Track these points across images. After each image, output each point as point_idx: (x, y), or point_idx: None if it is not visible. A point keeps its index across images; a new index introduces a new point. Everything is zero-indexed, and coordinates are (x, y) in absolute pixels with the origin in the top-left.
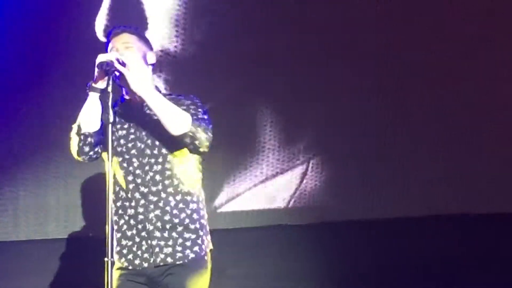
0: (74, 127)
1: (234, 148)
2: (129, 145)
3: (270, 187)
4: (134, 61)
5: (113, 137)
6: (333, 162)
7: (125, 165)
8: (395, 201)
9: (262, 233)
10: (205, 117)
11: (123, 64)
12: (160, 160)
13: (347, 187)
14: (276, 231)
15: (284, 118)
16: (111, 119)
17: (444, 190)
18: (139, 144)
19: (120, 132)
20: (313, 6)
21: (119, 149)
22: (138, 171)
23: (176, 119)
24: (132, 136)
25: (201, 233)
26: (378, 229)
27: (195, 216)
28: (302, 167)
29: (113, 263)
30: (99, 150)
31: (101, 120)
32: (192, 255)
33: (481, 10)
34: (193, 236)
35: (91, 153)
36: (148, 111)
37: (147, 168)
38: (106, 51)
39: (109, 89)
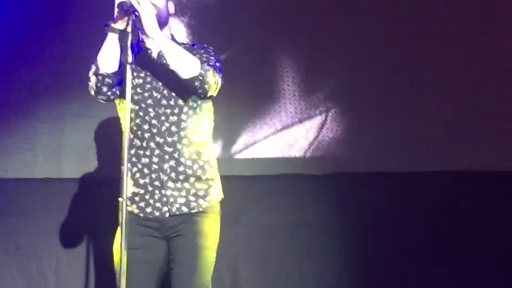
0: (93, 66)
1: (253, 95)
2: (146, 94)
3: (288, 136)
4: (149, 12)
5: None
6: (352, 113)
7: (141, 113)
8: (413, 155)
9: (278, 181)
10: (217, 64)
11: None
12: (176, 111)
13: (365, 138)
14: (292, 180)
15: (304, 67)
16: (130, 60)
17: (464, 146)
18: (155, 94)
19: (136, 81)
20: None
21: (136, 97)
22: (154, 121)
23: (185, 62)
24: (148, 86)
25: (212, 183)
26: (395, 182)
27: (207, 166)
28: (321, 117)
29: (126, 204)
30: (117, 91)
31: (120, 60)
32: (206, 204)
33: None
34: (205, 187)
35: (109, 93)
36: (164, 61)
37: (163, 118)
38: None
39: (129, 29)
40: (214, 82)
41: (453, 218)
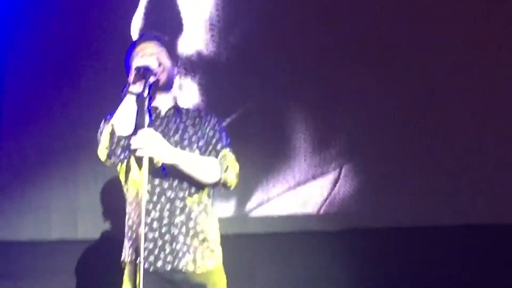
0: (106, 128)
1: (267, 152)
2: None
3: (301, 193)
4: (158, 150)
5: None
6: (365, 169)
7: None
8: (427, 209)
9: (293, 238)
10: (228, 140)
11: (158, 69)
12: None
13: (379, 194)
14: (307, 237)
15: (317, 124)
16: (147, 123)
17: (477, 200)
18: None
19: None
20: (348, 13)
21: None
22: (165, 176)
23: (207, 172)
24: None
25: (216, 245)
26: (409, 237)
27: (213, 226)
28: (334, 173)
29: (143, 264)
30: (128, 154)
31: (135, 123)
32: (211, 265)
33: None
34: (212, 246)
35: (121, 156)
36: (173, 120)
37: (174, 173)
38: (130, 52)
39: (146, 93)
40: (235, 175)
41: (466, 271)
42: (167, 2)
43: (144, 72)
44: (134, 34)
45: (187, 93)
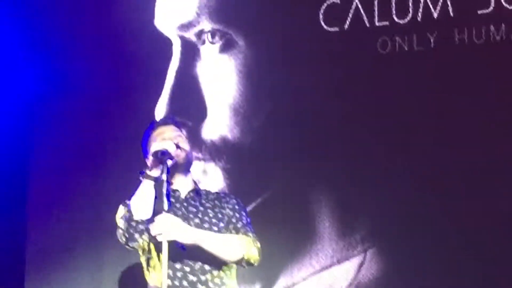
0: (122, 212)
1: (291, 236)
2: None
3: (326, 277)
4: (177, 227)
5: None
6: (390, 253)
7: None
8: None
9: None
10: (248, 219)
11: (176, 153)
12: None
13: (405, 278)
14: None
15: (341, 208)
16: (166, 208)
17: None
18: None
19: None
20: (371, 89)
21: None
22: (186, 260)
23: (230, 249)
24: None
25: None
26: None
27: None
28: (359, 257)
29: None
30: (147, 237)
31: (154, 208)
32: None
33: None
34: None
35: (140, 240)
36: (193, 203)
37: (196, 254)
38: (148, 135)
39: (164, 177)
40: (258, 253)
41: None
42: (191, 88)
43: (162, 156)
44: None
45: (212, 178)
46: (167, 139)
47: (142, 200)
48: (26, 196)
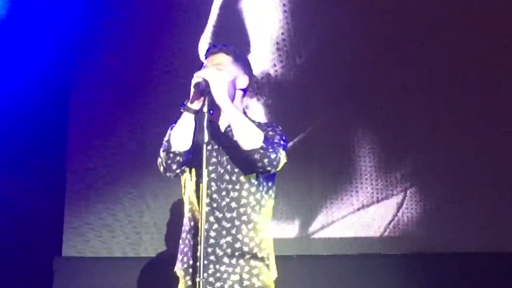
0: (164, 144)
1: (332, 174)
2: (210, 168)
3: (365, 216)
4: (219, 82)
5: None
6: (430, 193)
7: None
8: (493, 235)
9: (355, 261)
10: (281, 142)
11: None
12: (237, 187)
13: (443, 219)
14: (370, 260)
15: (382, 147)
16: (206, 140)
17: None
18: (219, 169)
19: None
20: (416, 40)
21: (200, 171)
22: (215, 195)
23: (249, 133)
24: (213, 160)
25: (267, 261)
26: (475, 263)
27: (263, 245)
28: (398, 196)
29: (203, 283)
30: (185, 168)
31: (193, 140)
32: (259, 284)
33: None
34: (260, 265)
35: (178, 170)
36: (231, 135)
37: (224, 193)
38: (201, 66)
39: (205, 109)
40: (275, 158)
41: None
42: (235, 22)
43: (203, 89)
44: (202, 54)
45: (253, 113)
46: (210, 66)
47: (181, 132)
48: (68, 127)
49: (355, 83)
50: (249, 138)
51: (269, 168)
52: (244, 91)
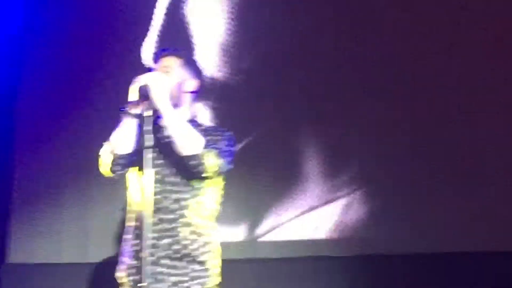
0: (105, 145)
1: (279, 177)
2: (155, 169)
3: (313, 218)
4: (159, 86)
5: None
6: (377, 195)
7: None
8: (440, 236)
9: (303, 264)
10: (227, 148)
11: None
12: (179, 189)
13: (391, 220)
14: (318, 263)
15: (329, 150)
16: (148, 144)
17: (484, 227)
18: (164, 170)
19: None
20: (364, 42)
21: (145, 172)
22: (157, 197)
23: (187, 139)
24: (159, 161)
25: (208, 265)
26: (421, 264)
27: (204, 248)
28: (346, 198)
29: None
30: (128, 170)
31: (137, 143)
32: (197, 287)
33: None
34: (200, 268)
35: (120, 172)
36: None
37: (166, 195)
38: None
39: (146, 113)
40: (213, 164)
41: None
42: (180, 27)
43: (143, 93)
44: (146, 58)
45: (200, 117)
46: (158, 70)
47: (122, 136)
48: (14, 132)
49: (301, 85)
50: (187, 144)
51: (206, 174)
52: (194, 94)
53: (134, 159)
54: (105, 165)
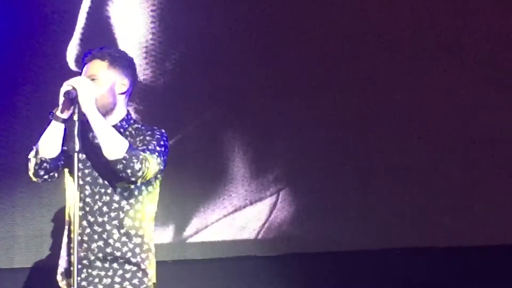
0: (33, 149)
1: (204, 178)
2: (86, 171)
3: (239, 218)
4: (87, 90)
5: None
6: (302, 194)
7: (78, 190)
8: (366, 233)
9: (231, 264)
10: (158, 148)
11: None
12: (109, 191)
13: (316, 219)
14: (245, 262)
15: (254, 150)
16: (77, 148)
17: (406, 222)
18: (94, 172)
19: (79, 156)
20: (286, 43)
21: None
22: (88, 199)
23: (111, 143)
24: (89, 163)
25: (143, 266)
26: (348, 260)
27: (137, 250)
28: (271, 198)
29: None
30: (55, 174)
31: (63, 147)
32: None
33: None
34: (134, 269)
35: (46, 176)
36: None
37: (96, 197)
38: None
39: (75, 118)
40: (139, 168)
41: None
42: (103, 28)
43: (73, 97)
44: (70, 62)
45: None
46: (83, 76)
47: (48, 140)
48: None
49: (226, 86)
50: (111, 148)
51: (133, 179)
52: (127, 94)
53: (61, 163)
54: (30, 169)
